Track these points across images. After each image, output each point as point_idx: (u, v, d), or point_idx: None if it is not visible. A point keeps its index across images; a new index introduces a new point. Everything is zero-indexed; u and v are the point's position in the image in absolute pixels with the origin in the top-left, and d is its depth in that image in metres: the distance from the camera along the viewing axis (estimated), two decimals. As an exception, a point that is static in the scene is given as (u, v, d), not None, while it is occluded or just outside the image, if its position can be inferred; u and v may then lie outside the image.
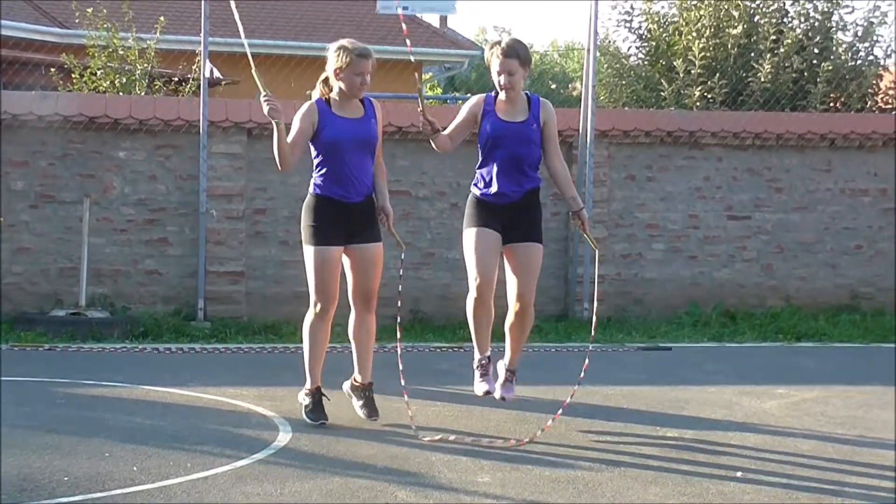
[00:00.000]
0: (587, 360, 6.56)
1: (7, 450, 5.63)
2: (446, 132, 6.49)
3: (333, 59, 6.30)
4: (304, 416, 6.42)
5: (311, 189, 6.39)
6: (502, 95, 6.36)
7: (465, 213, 6.51)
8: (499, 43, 6.34)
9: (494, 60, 6.29)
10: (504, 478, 5.41)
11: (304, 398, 6.49)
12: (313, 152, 6.37)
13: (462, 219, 6.56)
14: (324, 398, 6.47)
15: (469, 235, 6.41)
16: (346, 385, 6.67)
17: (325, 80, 6.42)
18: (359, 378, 6.55)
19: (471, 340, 6.63)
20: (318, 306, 6.37)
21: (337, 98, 6.36)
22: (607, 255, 11.11)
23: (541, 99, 6.51)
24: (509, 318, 6.52)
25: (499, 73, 6.28)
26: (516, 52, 6.27)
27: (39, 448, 5.72)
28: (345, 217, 6.32)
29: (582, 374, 6.56)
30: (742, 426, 6.67)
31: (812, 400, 7.52)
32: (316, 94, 6.43)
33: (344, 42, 6.35)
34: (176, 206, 10.40)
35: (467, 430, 6.36)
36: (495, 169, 6.35)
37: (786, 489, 5.33)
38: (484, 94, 6.52)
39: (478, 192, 6.44)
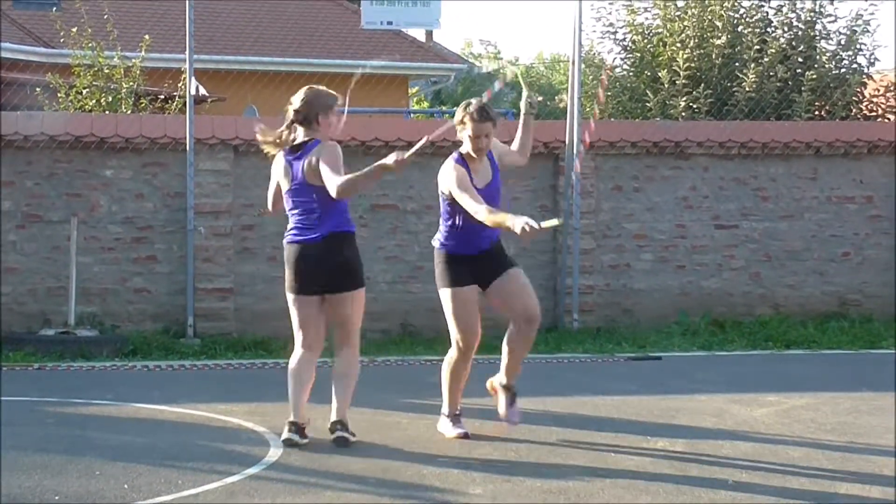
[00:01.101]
0: None
1: (-3, 470, 5.62)
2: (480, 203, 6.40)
3: None
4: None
5: None
6: (470, 151, 6.38)
7: (437, 270, 6.49)
8: (469, 105, 6.40)
9: (469, 124, 6.35)
10: (496, 489, 5.41)
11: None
12: None
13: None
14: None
15: (446, 296, 6.43)
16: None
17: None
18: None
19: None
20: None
21: None
22: (595, 266, 11.13)
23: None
24: (514, 334, 6.47)
25: (476, 137, 6.34)
26: (489, 115, 6.38)
27: (29, 467, 5.71)
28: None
29: None
30: (733, 434, 6.68)
31: (802, 407, 7.54)
32: None
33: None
34: (163, 223, 10.40)
35: (458, 443, 6.36)
36: (469, 228, 6.35)
37: (777, 497, 5.34)
38: (455, 160, 6.40)
39: (447, 248, 6.45)
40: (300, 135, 6.31)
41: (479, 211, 6.16)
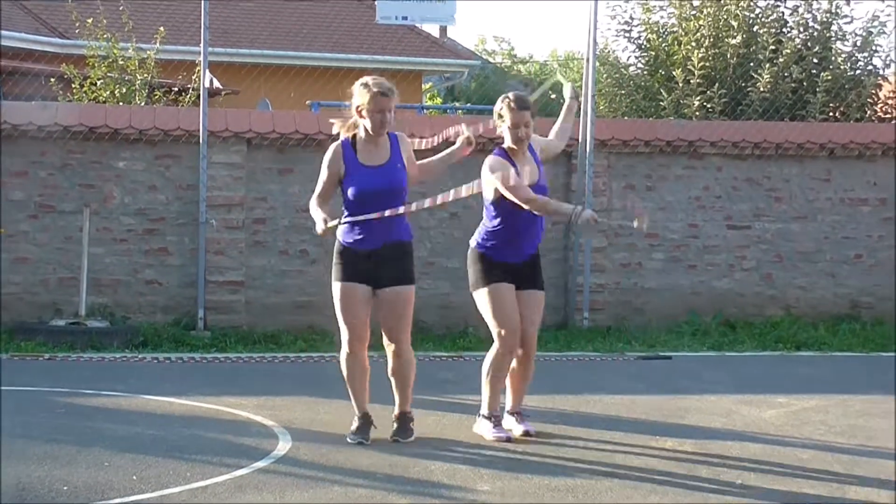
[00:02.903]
0: None
1: (6, 459, 5.63)
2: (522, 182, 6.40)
3: (356, 96, 6.16)
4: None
5: (338, 234, 6.23)
6: (510, 143, 6.36)
7: (473, 270, 6.46)
8: (508, 97, 6.39)
9: (508, 114, 6.32)
10: (504, 486, 5.41)
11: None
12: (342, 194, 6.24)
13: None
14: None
15: (483, 296, 6.40)
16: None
17: (347, 118, 6.27)
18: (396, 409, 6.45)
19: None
20: (347, 342, 6.30)
21: (363, 137, 6.20)
22: (607, 265, 11.11)
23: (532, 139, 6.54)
24: (512, 366, 6.50)
25: (516, 126, 6.32)
26: (528, 104, 6.38)
27: (39, 457, 5.72)
28: (371, 262, 6.23)
29: None
30: (742, 435, 6.67)
31: (812, 409, 7.52)
32: (340, 132, 6.26)
33: (366, 79, 6.22)
34: (176, 215, 10.41)
35: (467, 440, 6.36)
36: (516, 230, 6.37)
37: (785, 499, 5.32)
38: (498, 153, 6.40)
39: (493, 254, 6.40)
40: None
41: (533, 200, 6.19)
